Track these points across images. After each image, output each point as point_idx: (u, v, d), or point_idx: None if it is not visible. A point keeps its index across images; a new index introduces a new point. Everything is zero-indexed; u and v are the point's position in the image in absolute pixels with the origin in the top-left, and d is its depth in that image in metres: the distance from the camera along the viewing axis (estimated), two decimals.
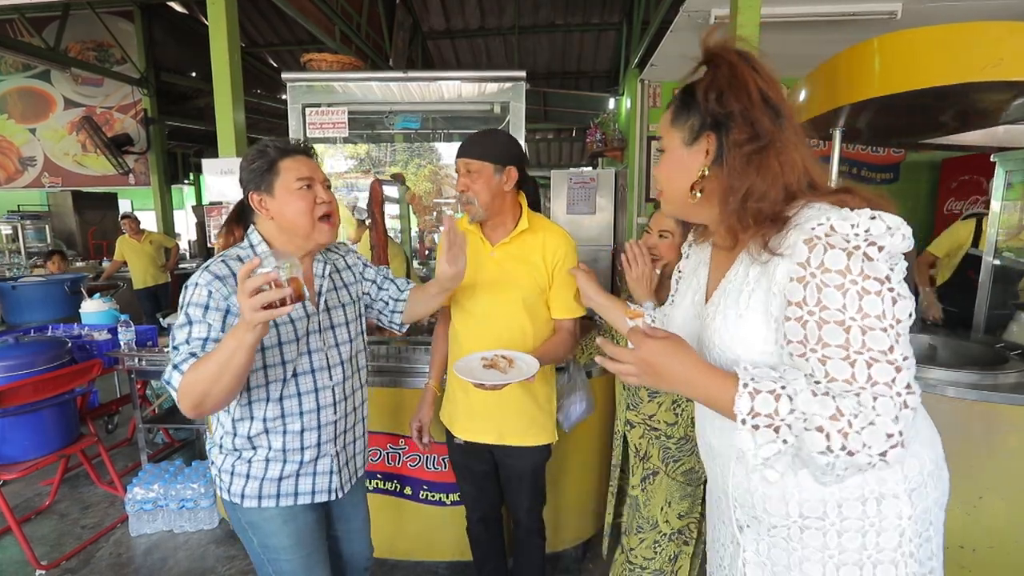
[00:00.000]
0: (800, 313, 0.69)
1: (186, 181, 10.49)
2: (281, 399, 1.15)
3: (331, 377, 1.22)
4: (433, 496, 1.95)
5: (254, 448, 1.16)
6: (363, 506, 1.41)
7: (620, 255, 1.37)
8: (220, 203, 2.62)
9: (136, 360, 2.46)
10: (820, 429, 0.65)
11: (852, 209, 0.68)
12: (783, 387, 0.68)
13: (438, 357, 1.64)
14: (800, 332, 0.69)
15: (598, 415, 1.91)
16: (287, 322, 1.14)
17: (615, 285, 5.84)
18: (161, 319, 2.77)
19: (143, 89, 6.51)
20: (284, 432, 1.16)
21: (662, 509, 1.48)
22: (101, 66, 6.29)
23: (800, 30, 3.48)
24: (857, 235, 0.65)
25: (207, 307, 1.04)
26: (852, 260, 0.66)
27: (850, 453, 0.65)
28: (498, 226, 1.47)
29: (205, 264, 1.11)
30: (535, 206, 1.53)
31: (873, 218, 0.66)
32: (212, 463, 1.21)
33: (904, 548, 0.76)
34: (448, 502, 1.94)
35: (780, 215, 0.73)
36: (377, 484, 1.98)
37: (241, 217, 1.24)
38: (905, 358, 0.66)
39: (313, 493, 1.21)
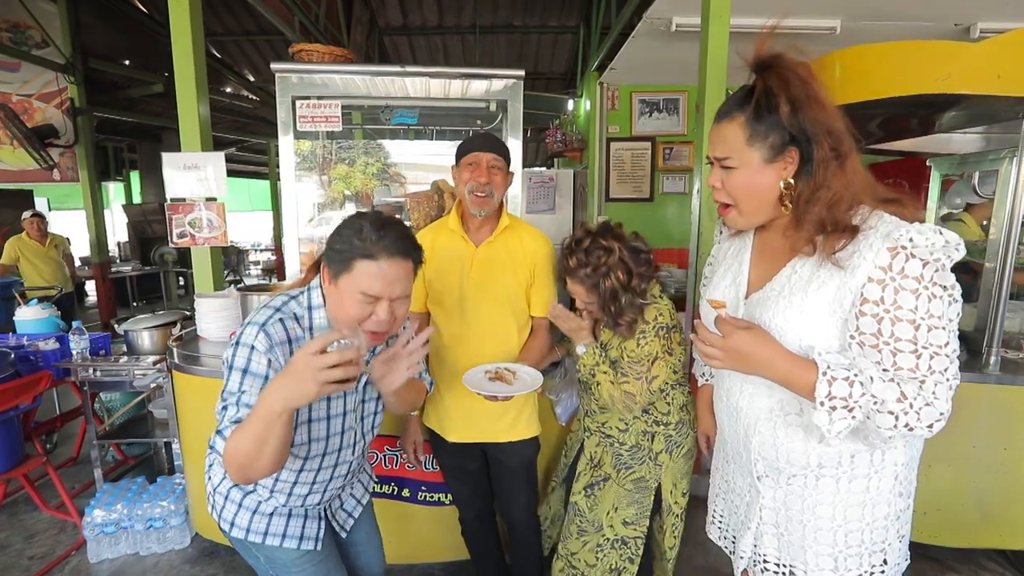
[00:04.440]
0: (876, 311, 0.78)
1: (118, 177, 9.67)
2: (300, 471, 1.10)
3: (353, 452, 1.17)
4: (432, 496, 1.93)
5: (254, 488, 1.13)
6: (374, 527, 1.41)
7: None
8: (184, 199, 2.46)
9: (91, 371, 2.26)
10: (891, 412, 0.77)
11: (915, 222, 0.78)
12: (855, 375, 0.79)
13: None
14: (874, 326, 0.79)
15: None
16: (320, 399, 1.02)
17: None
18: (116, 325, 2.55)
19: (69, 76, 5.93)
20: (290, 494, 1.13)
21: (608, 513, 1.48)
22: (18, 49, 5.67)
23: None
24: (932, 249, 0.76)
25: (266, 377, 0.96)
26: (926, 269, 0.76)
27: (909, 428, 0.77)
28: (484, 225, 1.49)
29: (261, 321, 0.99)
30: None
31: (938, 233, 0.76)
32: (209, 479, 1.17)
33: (895, 489, 0.91)
34: (447, 502, 1.92)
35: (846, 222, 0.81)
36: (374, 488, 1.92)
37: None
38: (954, 351, 0.78)
39: (301, 539, 1.16)
